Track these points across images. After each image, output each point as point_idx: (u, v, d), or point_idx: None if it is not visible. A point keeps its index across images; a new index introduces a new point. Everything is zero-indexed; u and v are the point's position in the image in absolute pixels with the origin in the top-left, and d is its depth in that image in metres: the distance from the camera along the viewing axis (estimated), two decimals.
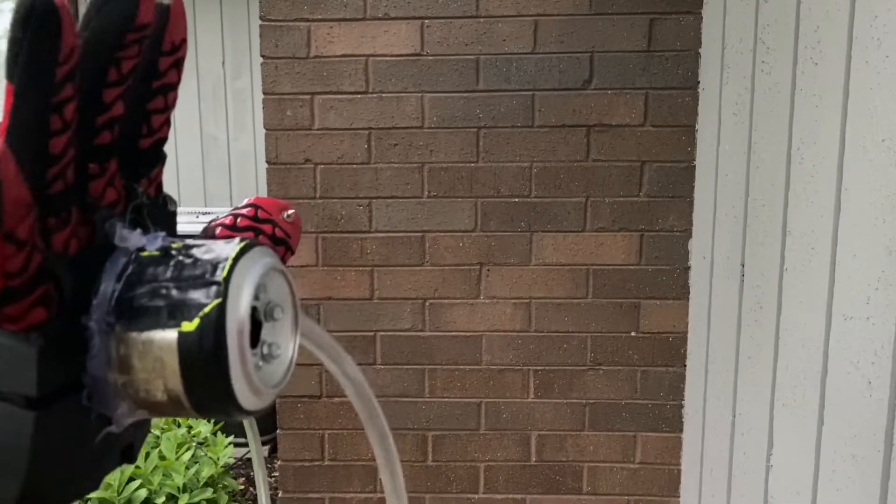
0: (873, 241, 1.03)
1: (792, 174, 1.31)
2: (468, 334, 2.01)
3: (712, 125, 1.76)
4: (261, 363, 0.31)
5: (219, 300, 0.27)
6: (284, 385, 0.33)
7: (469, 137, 1.93)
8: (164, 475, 2.19)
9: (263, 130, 1.96)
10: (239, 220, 0.49)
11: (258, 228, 0.50)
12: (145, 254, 0.29)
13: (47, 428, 0.26)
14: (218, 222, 0.49)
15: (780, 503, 1.35)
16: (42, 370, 0.25)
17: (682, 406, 2.00)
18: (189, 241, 0.30)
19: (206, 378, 0.28)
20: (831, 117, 1.15)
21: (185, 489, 2.20)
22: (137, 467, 2.15)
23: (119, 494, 2.06)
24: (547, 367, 2.01)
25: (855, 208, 1.08)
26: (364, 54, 1.91)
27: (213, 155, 4.32)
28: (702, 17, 1.85)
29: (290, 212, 0.54)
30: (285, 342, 0.33)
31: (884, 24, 1.01)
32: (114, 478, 2.03)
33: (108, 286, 0.28)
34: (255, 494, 2.91)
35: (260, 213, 0.51)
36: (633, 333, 1.98)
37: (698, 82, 1.87)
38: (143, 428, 0.32)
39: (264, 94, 1.95)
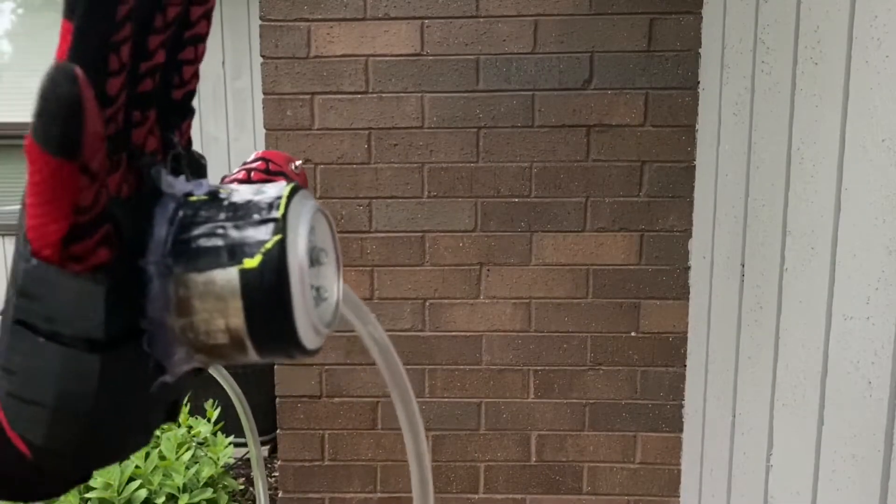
0: (873, 240, 1.03)
1: (792, 174, 1.31)
2: (468, 334, 2.01)
3: (712, 125, 1.76)
4: (315, 304, 0.31)
5: (279, 236, 0.27)
6: (335, 325, 0.33)
7: (469, 137, 1.93)
8: (164, 475, 2.19)
9: (263, 130, 1.96)
10: (252, 174, 0.50)
11: (272, 181, 0.50)
12: (193, 198, 0.29)
13: (110, 373, 0.26)
14: (231, 178, 0.49)
15: (780, 503, 1.35)
16: (109, 312, 0.25)
17: (682, 406, 2.00)
18: (233, 186, 0.30)
19: (268, 314, 0.27)
20: (831, 117, 1.15)
21: (185, 489, 2.20)
22: (137, 467, 2.14)
23: (119, 494, 2.06)
24: (547, 367, 2.01)
25: (855, 208, 1.08)
26: (364, 54, 1.91)
27: (213, 155, 4.32)
28: (702, 17, 1.85)
29: (298, 163, 0.54)
30: (330, 285, 0.34)
31: (884, 24, 1.01)
32: (114, 477, 2.03)
33: (162, 230, 0.28)
34: (255, 494, 2.91)
35: (271, 166, 0.51)
36: (633, 333, 1.98)
37: (698, 82, 1.87)
38: (187, 383, 0.32)
39: (264, 94, 1.95)
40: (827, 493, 1.16)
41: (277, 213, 0.28)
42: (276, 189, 0.29)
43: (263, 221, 0.28)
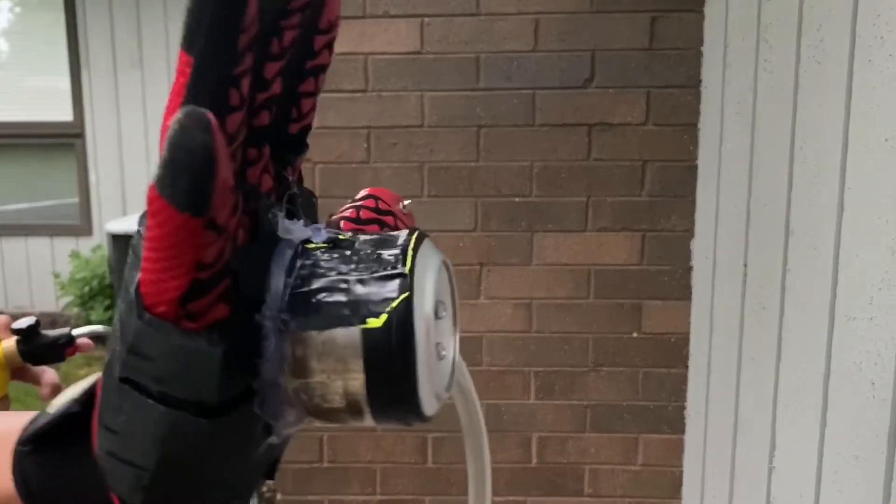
0: (876, 241, 1.02)
1: (795, 173, 1.30)
2: (468, 335, 2.00)
3: (714, 124, 1.75)
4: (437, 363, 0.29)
5: (406, 293, 0.25)
6: (451, 390, 0.31)
7: (469, 137, 1.92)
8: None
9: None
10: (362, 212, 0.48)
11: (381, 221, 0.49)
12: (312, 246, 0.27)
13: (217, 438, 0.24)
14: (340, 215, 0.47)
15: None
16: (224, 375, 0.24)
17: (684, 407, 1.99)
18: (353, 234, 0.28)
19: (391, 378, 0.25)
20: (834, 116, 1.14)
21: None
22: None
23: None
24: (548, 369, 2.00)
25: (858, 208, 1.08)
26: (363, 52, 1.91)
27: None
28: (704, 16, 1.84)
29: (407, 202, 0.53)
30: (447, 341, 0.31)
31: (886, 22, 1.01)
32: None
33: (279, 281, 0.26)
34: (254, 494, 2.90)
35: (380, 205, 0.50)
36: (634, 334, 1.97)
37: (700, 81, 1.86)
38: (289, 441, 0.30)
39: None
40: (830, 494, 1.15)
41: (405, 268, 0.26)
42: (402, 239, 0.27)
43: (390, 277, 0.26)
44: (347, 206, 0.48)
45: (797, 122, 1.29)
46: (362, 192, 0.50)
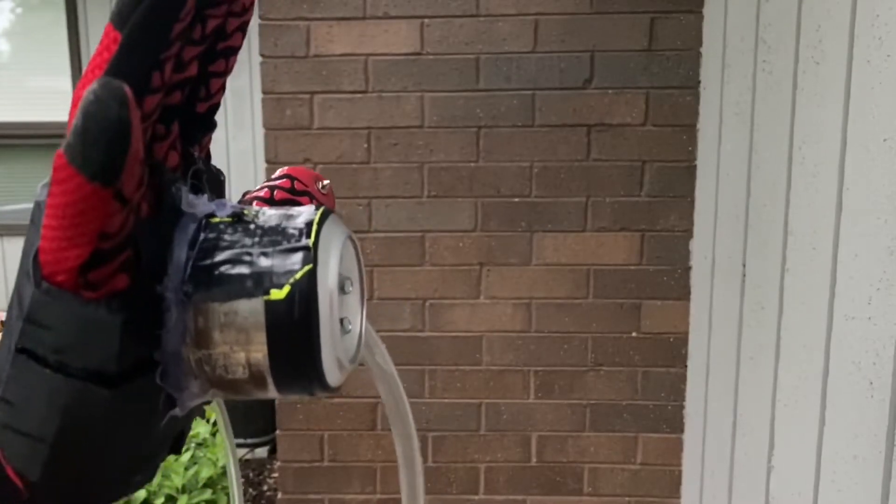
0: (875, 241, 1.02)
1: (793, 174, 1.30)
2: (468, 335, 2.00)
3: (713, 125, 1.75)
4: (341, 336, 0.29)
5: (309, 266, 0.26)
6: (358, 361, 0.32)
7: (469, 137, 1.93)
8: (163, 476, 2.19)
9: (263, 130, 1.96)
10: (276, 192, 0.47)
11: (296, 201, 0.48)
12: (216, 220, 0.27)
13: (118, 408, 0.24)
14: (252, 195, 0.46)
15: None
16: (123, 344, 0.23)
17: (683, 407, 1.99)
18: (258, 208, 0.29)
19: (294, 349, 0.26)
20: (833, 117, 1.14)
21: (184, 490, 2.20)
22: None
23: None
24: (547, 368, 2.00)
25: (856, 208, 1.08)
26: (364, 53, 1.91)
27: (212, 155, 4.31)
28: (703, 16, 1.85)
29: (325, 182, 0.52)
30: (354, 316, 0.31)
31: (885, 23, 1.01)
32: None
33: (181, 253, 0.26)
34: (255, 495, 2.90)
35: (296, 185, 0.49)
36: (633, 334, 1.98)
37: (699, 81, 1.87)
38: (193, 415, 0.30)
39: (263, 93, 1.94)
40: (828, 493, 1.15)
41: (308, 241, 0.26)
42: (307, 214, 0.28)
43: (294, 249, 0.26)
44: (262, 185, 0.47)
45: (796, 123, 1.29)
46: (278, 172, 0.49)
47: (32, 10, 5.26)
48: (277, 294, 0.25)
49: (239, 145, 4.32)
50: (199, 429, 2.43)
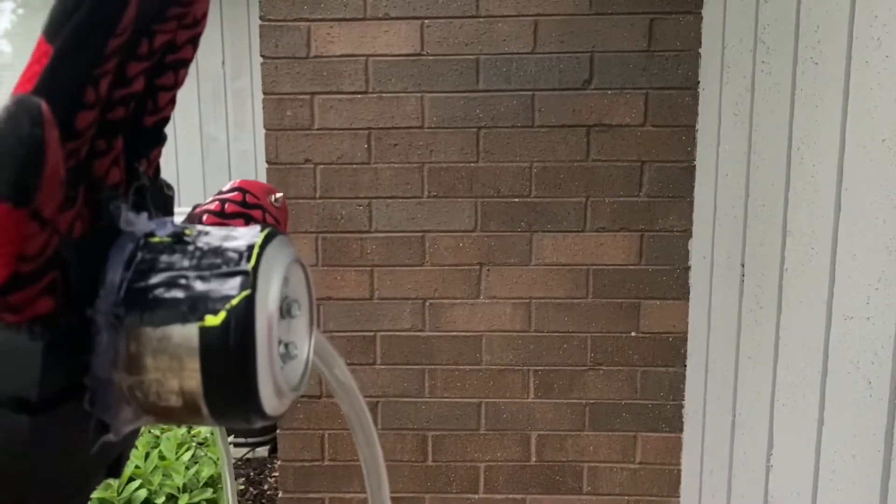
0: (873, 240, 1.03)
1: (792, 174, 1.30)
2: (468, 334, 2.01)
3: (712, 125, 1.76)
4: (282, 363, 0.28)
5: (247, 292, 0.25)
6: (303, 389, 0.30)
7: (469, 137, 1.93)
8: (164, 475, 2.19)
9: (263, 130, 1.96)
10: (227, 205, 0.46)
11: (248, 214, 0.47)
12: (155, 239, 0.26)
13: (42, 435, 0.23)
14: (203, 208, 0.46)
15: (780, 503, 1.35)
16: (45, 370, 0.22)
17: (682, 406, 2.00)
18: (201, 228, 0.28)
19: (229, 378, 0.25)
20: (831, 117, 1.15)
21: (184, 489, 2.20)
22: (137, 467, 2.14)
23: (119, 494, 2.06)
24: (547, 368, 2.01)
25: (855, 208, 1.08)
26: (364, 54, 1.91)
27: (213, 155, 4.32)
28: (702, 17, 1.85)
29: (278, 195, 0.51)
30: (301, 341, 0.30)
31: (884, 23, 1.01)
32: None
33: (116, 275, 0.25)
34: (255, 494, 2.91)
35: (248, 198, 0.48)
36: (633, 333, 1.98)
37: (698, 82, 1.87)
38: (133, 439, 0.29)
39: (264, 94, 1.94)
40: (827, 493, 1.16)
41: (248, 265, 0.25)
42: (250, 235, 0.26)
43: (231, 274, 0.25)
44: (213, 198, 0.47)
45: (795, 123, 1.30)
46: (229, 185, 0.48)
47: (35, 10, 5.26)
48: (213, 320, 0.24)
49: (240, 146, 4.32)
50: (200, 428, 2.44)
